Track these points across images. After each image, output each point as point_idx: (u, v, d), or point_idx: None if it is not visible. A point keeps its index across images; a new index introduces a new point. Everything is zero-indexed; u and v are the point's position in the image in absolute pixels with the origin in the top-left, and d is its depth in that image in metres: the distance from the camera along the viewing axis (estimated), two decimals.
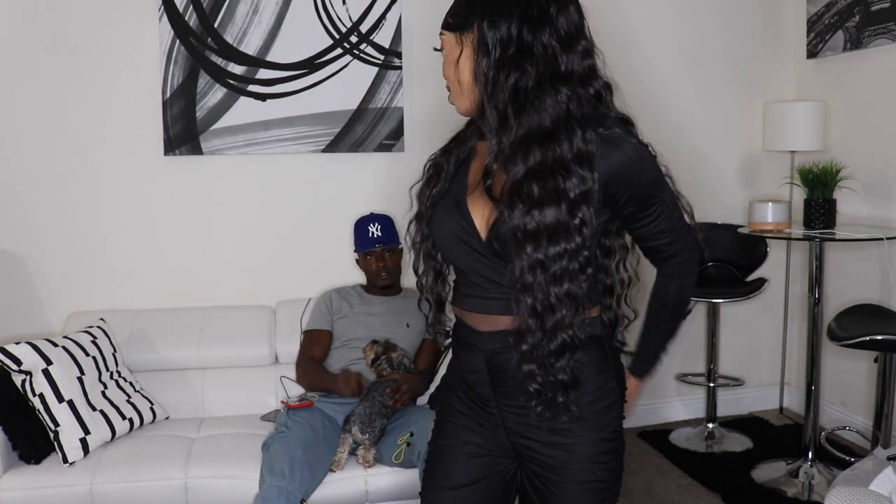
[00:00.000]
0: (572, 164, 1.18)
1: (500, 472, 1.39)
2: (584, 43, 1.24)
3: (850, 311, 2.79)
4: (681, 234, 1.33)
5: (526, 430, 1.33)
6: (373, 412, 2.35)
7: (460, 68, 1.26)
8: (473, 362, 1.35)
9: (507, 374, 1.30)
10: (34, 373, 2.30)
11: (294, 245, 3.06)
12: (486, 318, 1.32)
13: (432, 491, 1.42)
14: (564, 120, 1.19)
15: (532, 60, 1.20)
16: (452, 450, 1.40)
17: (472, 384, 1.37)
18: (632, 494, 2.84)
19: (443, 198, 1.35)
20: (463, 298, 1.36)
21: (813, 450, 2.94)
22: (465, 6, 1.25)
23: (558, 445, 1.30)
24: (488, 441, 1.38)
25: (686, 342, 3.56)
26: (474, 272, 1.31)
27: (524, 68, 1.20)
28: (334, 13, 2.97)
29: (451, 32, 1.28)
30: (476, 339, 1.34)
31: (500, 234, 1.23)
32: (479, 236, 1.28)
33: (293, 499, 2.10)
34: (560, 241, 1.19)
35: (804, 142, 3.23)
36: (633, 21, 3.32)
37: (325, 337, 2.70)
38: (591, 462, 1.30)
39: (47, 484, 2.22)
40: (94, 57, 2.83)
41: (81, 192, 2.88)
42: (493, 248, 1.26)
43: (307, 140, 3.00)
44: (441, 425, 1.45)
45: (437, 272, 1.43)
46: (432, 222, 1.36)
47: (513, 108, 1.20)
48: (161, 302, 2.93)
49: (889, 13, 2.95)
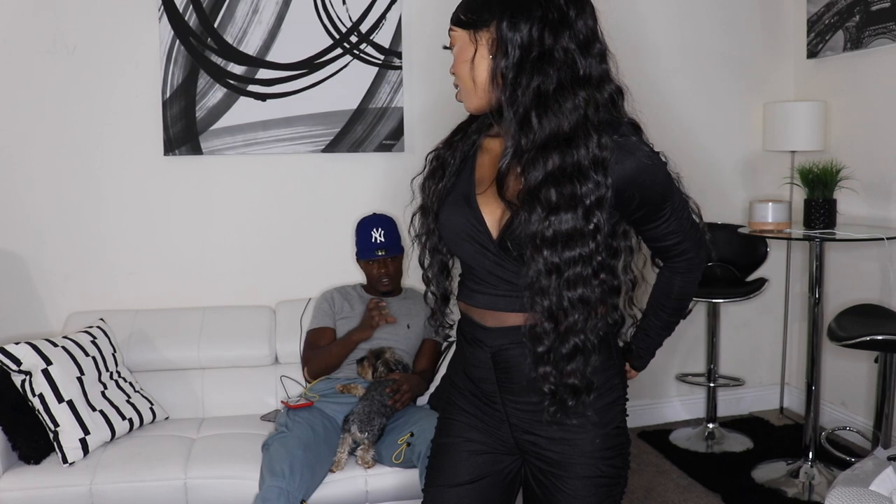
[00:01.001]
0: (589, 169, 1.18)
1: (503, 469, 1.40)
2: (598, 46, 1.24)
3: (850, 311, 2.79)
4: (689, 234, 1.35)
5: (530, 426, 1.34)
6: (372, 411, 2.34)
7: (476, 67, 1.25)
8: (479, 358, 1.35)
9: (512, 370, 1.31)
10: (34, 373, 2.30)
11: (294, 245, 3.05)
12: (493, 314, 1.32)
13: (435, 488, 1.43)
14: (582, 125, 1.19)
15: (554, 64, 1.19)
16: (455, 447, 1.41)
17: (478, 380, 1.38)
18: (632, 494, 2.84)
19: (450, 193, 1.35)
20: (470, 294, 1.36)
21: (813, 450, 2.94)
22: (482, 4, 1.23)
23: (562, 441, 1.32)
24: (492, 438, 1.39)
25: (686, 342, 3.56)
26: (483, 269, 1.31)
27: (546, 72, 1.19)
28: (334, 13, 2.97)
29: (464, 30, 1.26)
30: (483, 336, 1.34)
31: (515, 236, 1.23)
32: (489, 234, 1.28)
33: (293, 499, 2.10)
34: (575, 246, 1.19)
35: (804, 142, 3.23)
36: (632, 21, 3.32)
37: (330, 335, 2.70)
38: (594, 457, 1.32)
39: (47, 484, 2.22)
40: (94, 57, 2.83)
41: (81, 192, 2.88)
42: (504, 247, 1.26)
43: (307, 140, 3.00)
44: (444, 423, 1.45)
45: (443, 265, 1.43)
46: (440, 218, 1.35)
47: (535, 112, 1.19)
48: (161, 302, 2.93)
49: (889, 13, 2.95)
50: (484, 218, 1.29)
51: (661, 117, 3.34)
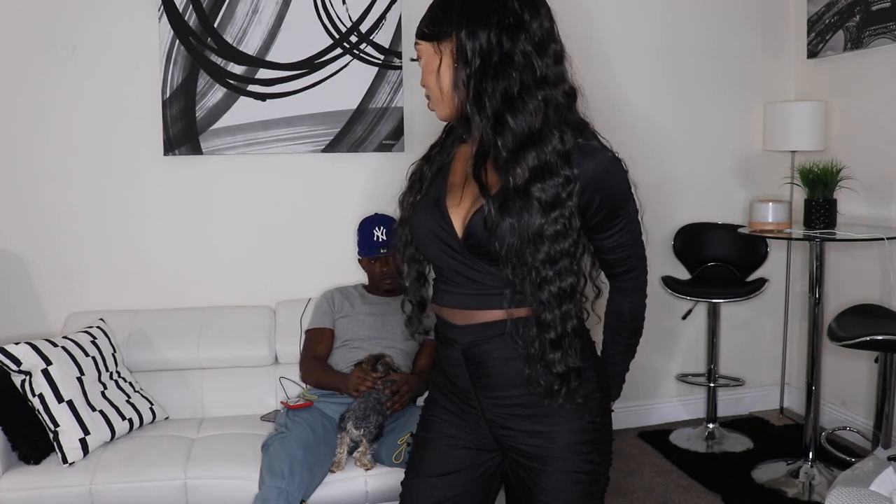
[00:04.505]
0: (558, 166, 1.24)
1: (481, 465, 1.44)
2: (554, 47, 1.28)
3: (850, 311, 2.79)
4: (637, 249, 1.39)
5: (507, 421, 1.38)
6: (367, 407, 2.33)
7: (441, 77, 1.30)
8: (452, 356, 1.40)
9: (485, 365, 1.36)
10: (34, 373, 2.30)
11: (294, 245, 3.05)
12: (462, 312, 1.37)
13: (412, 479, 1.48)
14: (545, 123, 1.24)
15: (515, 67, 1.24)
16: (435, 441, 1.46)
17: (453, 377, 1.42)
18: (632, 494, 2.84)
19: (423, 199, 1.40)
20: (441, 296, 1.41)
21: (813, 450, 2.94)
22: (441, 16, 1.28)
23: (539, 434, 1.35)
24: (472, 435, 1.43)
25: (686, 342, 3.56)
26: (450, 269, 1.36)
27: (509, 74, 1.24)
28: (334, 13, 2.97)
29: (428, 42, 1.31)
30: (454, 334, 1.39)
31: (497, 235, 1.26)
32: (456, 236, 1.33)
33: (293, 499, 2.10)
34: (560, 238, 1.25)
35: (804, 142, 3.23)
36: (633, 21, 3.32)
37: (328, 335, 2.70)
38: (571, 451, 1.35)
39: (47, 484, 2.22)
40: (94, 57, 2.83)
41: (81, 191, 2.88)
42: (469, 247, 1.31)
43: (307, 140, 3.00)
44: (426, 419, 1.51)
45: (420, 274, 1.48)
46: (412, 222, 1.40)
47: (509, 114, 1.24)
48: (161, 302, 2.93)
49: (889, 13, 2.95)
50: (451, 220, 1.34)
51: (661, 117, 3.34)
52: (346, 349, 2.64)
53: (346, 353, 2.64)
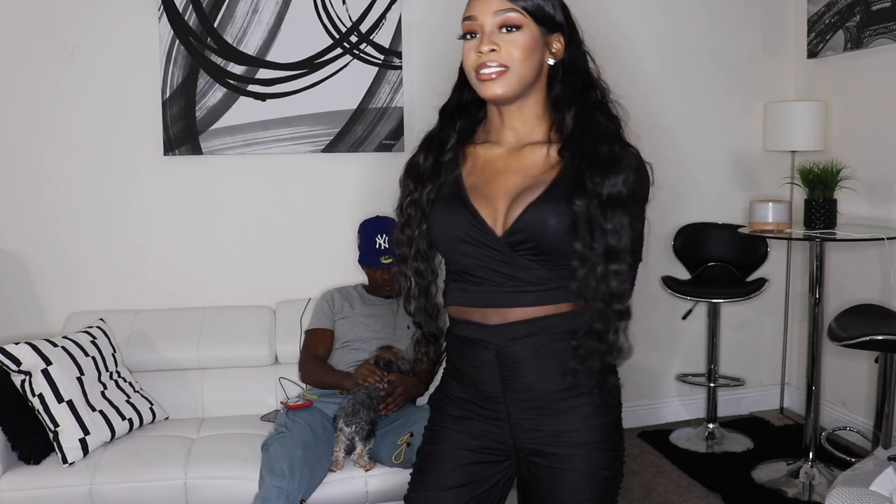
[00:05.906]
0: (621, 163, 1.31)
1: (492, 476, 1.39)
2: None
3: (850, 311, 2.79)
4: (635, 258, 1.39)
5: (534, 422, 1.35)
6: (356, 402, 2.31)
7: (537, 63, 1.32)
8: (482, 357, 1.35)
9: (518, 365, 1.32)
10: (33, 373, 2.30)
11: (294, 245, 3.05)
12: (495, 311, 1.33)
13: (419, 492, 1.42)
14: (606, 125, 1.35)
15: (590, 77, 1.37)
16: (443, 454, 1.41)
17: (478, 382, 1.37)
18: (632, 494, 2.84)
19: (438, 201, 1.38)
20: (468, 296, 1.36)
21: (813, 450, 2.93)
22: (553, 10, 1.33)
23: (564, 434, 1.33)
24: (486, 442, 1.38)
25: (686, 342, 3.56)
26: (483, 268, 1.33)
27: (592, 83, 1.37)
28: (334, 13, 2.97)
29: (537, 24, 1.31)
30: (485, 334, 1.34)
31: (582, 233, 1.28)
32: (492, 232, 1.31)
33: (293, 499, 2.10)
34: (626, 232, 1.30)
35: (804, 142, 3.23)
36: (632, 21, 3.32)
37: (328, 336, 2.69)
38: (593, 449, 1.34)
39: (47, 484, 2.22)
40: (94, 57, 2.83)
41: (81, 192, 2.88)
42: (513, 244, 1.30)
43: (307, 140, 3.00)
44: (433, 430, 1.45)
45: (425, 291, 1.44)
46: (432, 226, 1.37)
47: (584, 116, 1.34)
48: (161, 302, 2.93)
49: (890, 13, 2.95)
50: (482, 217, 1.32)
51: (661, 117, 3.34)
52: (347, 350, 2.64)
53: (346, 354, 2.64)
